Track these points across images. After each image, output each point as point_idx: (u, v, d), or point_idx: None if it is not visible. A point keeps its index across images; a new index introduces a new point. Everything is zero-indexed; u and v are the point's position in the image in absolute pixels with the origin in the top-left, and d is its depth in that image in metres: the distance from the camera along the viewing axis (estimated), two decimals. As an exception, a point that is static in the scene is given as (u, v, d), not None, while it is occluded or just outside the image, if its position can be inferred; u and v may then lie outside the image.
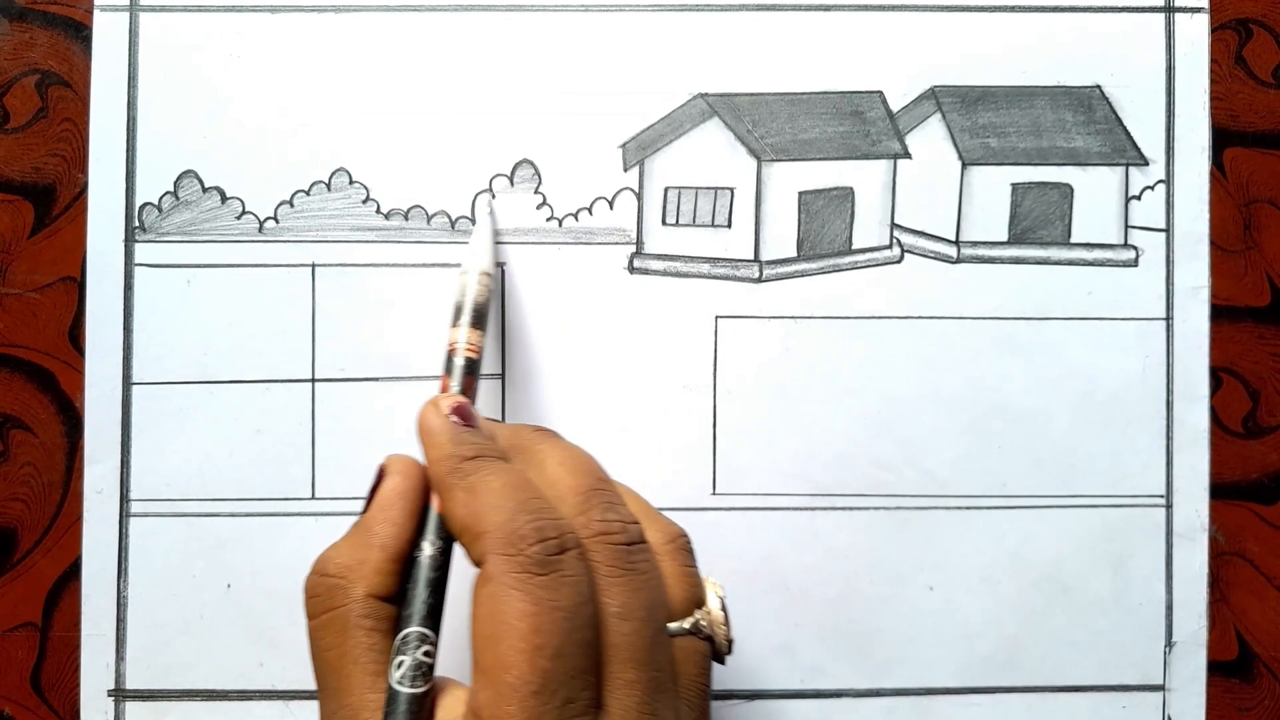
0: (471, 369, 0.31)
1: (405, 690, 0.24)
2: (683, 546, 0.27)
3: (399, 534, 0.27)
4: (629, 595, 0.25)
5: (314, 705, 0.36)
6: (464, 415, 0.28)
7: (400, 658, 0.25)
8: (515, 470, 0.27)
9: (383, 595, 0.26)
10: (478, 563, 0.25)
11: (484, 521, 0.25)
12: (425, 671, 0.25)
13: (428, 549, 0.27)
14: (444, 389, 0.30)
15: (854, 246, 0.37)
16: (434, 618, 0.26)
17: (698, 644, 0.26)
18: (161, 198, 0.36)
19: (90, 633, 0.36)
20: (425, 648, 0.25)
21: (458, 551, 0.26)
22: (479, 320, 0.32)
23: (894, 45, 0.37)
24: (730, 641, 0.27)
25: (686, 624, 0.26)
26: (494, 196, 0.36)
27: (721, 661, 0.27)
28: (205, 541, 0.36)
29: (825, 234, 0.37)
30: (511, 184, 0.36)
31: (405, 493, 0.27)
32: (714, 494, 0.36)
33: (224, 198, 0.36)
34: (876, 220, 0.37)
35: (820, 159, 0.37)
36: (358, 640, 0.25)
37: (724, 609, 0.27)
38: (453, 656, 0.27)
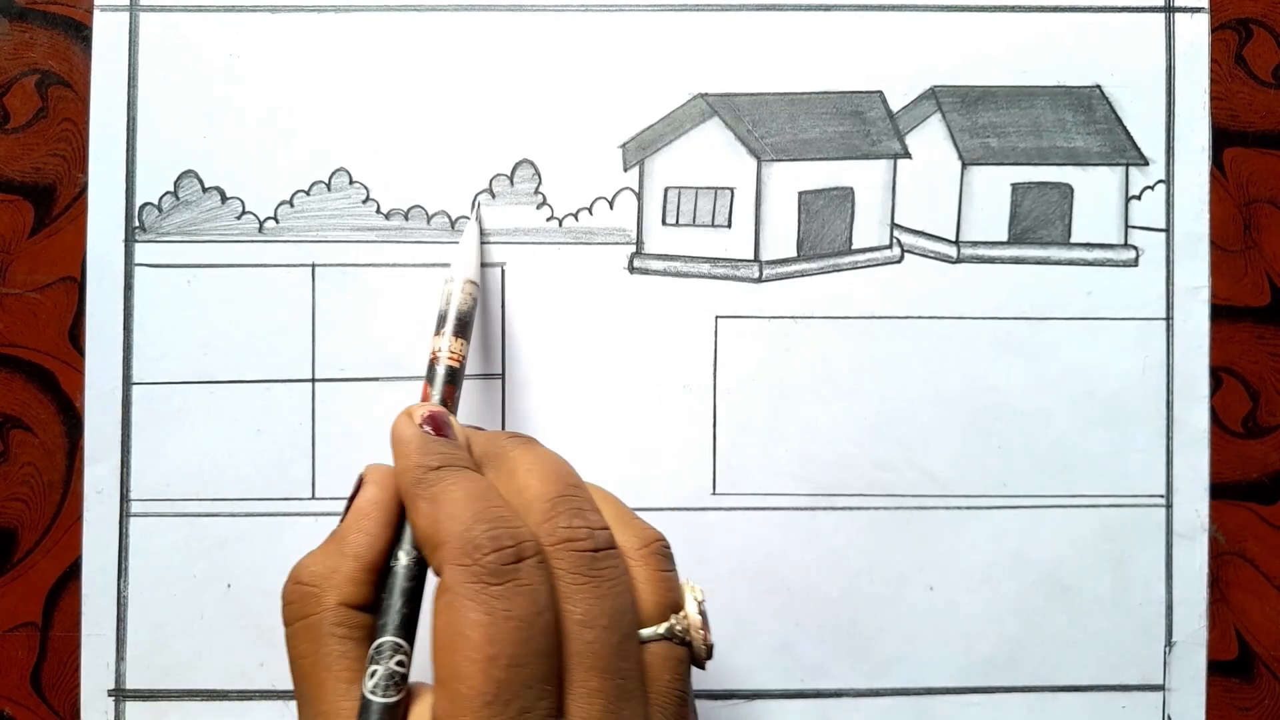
0: (453, 378, 0.31)
1: (378, 700, 0.24)
2: (658, 551, 0.27)
3: (373, 544, 0.27)
4: (592, 602, 0.25)
5: (314, 705, 0.36)
6: (437, 425, 0.28)
7: (374, 667, 0.25)
8: (479, 480, 0.26)
9: (356, 604, 0.26)
10: (438, 573, 0.25)
11: (442, 531, 0.25)
12: (399, 681, 0.25)
13: (403, 559, 0.27)
14: (424, 398, 0.30)
15: (854, 246, 0.37)
16: (408, 627, 0.26)
17: (673, 649, 0.26)
18: (161, 198, 0.36)
19: (90, 633, 0.36)
20: (399, 657, 0.25)
21: None
22: (462, 329, 0.32)
23: (894, 45, 0.37)
24: (710, 646, 0.26)
25: (660, 629, 0.26)
26: (493, 197, 0.36)
27: (701, 666, 0.27)
28: (205, 541, 0.36)
29: (825, 234, 0.37)
30: (511, 184, 0.36)
31: (381, 503, 0.27)
32: (714, 494, 0.36)
33: (224, 198, 0.36)
34: (876, 220, 0.37)
35: (820, 159, 0.37)
36: (330, 648, 0.25)
37: (703, 613, 0.27)
38: (429, 665, 0.27)
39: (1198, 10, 0.37)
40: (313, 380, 0.36)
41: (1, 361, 0.36)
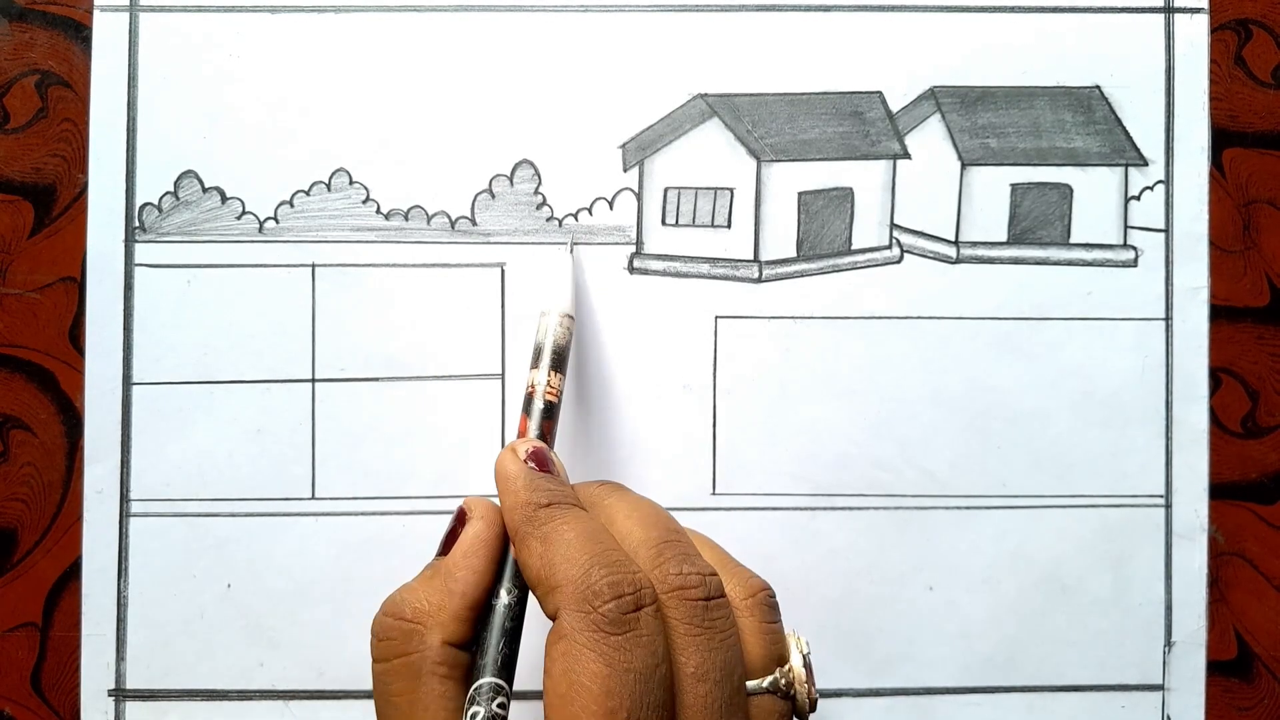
0: (550, 412, 0.30)
1: None
2: (764, 602, 0.27)
3: (480, 581, 0.26)
4: (705, 655, 0.24)
5: (314, 705, 0.36)
6: (541, 461, 0.28)
7: (474, 708, 0.24)
8: (590, 520, 0.26)
9: (458, 643, 0.26)
10: (552, 616, 0.24)
11: (558, 574, 0.24)
12: None
13: (505, 597, 0.26)
14: (522, 432, 0.30)
15: (854, 247, 0.37)
16: (508, 668, 0.25)
17: (776, 703, 0.26)
18: (161, 198, 0.36)
19: (90, 633, 0.36)
20: (500, 699, 0.25)
21: (532, 599, 0.26)
22: (559, 363, 0.31)
23: (894, 45, 0.37)
24: (814, 700, 0.26)
25: (765, 683, 0.25)
26: (493, 197, 0.36)
27: None
28: (205, 541, 0.36)
29: (825, 234, 0.37)
30: (511, 184, 0.36)
31: (488, 540, 0.27)
32: (714, 494, 0.36)
33: (224, 198, 0.36)
34: (876, 220, 0.37)
35: (820, 159, 0.37)
36: (431, 688, 0.25)
37: (807, 665, 0.26)
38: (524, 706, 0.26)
39: (1197, 11, 0.37)
40: (313, 380, 0.36)
41: (1, 361, 0.36)
